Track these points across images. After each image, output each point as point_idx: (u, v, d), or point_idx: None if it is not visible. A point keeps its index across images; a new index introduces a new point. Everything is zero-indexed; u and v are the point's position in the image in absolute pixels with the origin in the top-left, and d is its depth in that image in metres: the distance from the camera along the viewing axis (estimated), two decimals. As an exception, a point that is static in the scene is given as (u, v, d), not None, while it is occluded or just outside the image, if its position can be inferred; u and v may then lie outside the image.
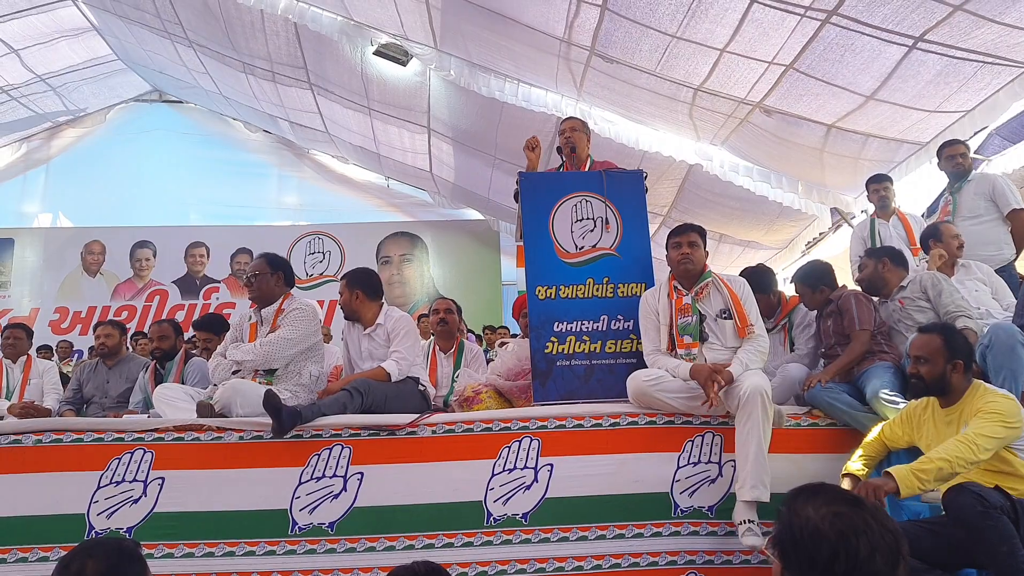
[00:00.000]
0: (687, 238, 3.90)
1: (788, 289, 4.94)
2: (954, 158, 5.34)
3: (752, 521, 3.27)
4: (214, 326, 5.26)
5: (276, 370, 4.06)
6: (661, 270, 4.13)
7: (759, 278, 4.49)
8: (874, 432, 3.34)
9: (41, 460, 3.57)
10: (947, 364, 3.02)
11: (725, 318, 3.77)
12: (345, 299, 4.42)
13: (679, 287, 3.87)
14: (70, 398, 5.39)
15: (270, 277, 4.26)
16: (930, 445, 3.06)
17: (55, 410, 5.46)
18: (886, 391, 3.55)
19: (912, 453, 3.38)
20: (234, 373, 4.05)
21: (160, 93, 13.75)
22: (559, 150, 4.83)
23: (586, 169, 4.70)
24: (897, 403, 3.45)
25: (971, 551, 2.68)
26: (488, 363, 5.29)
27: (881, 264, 4.25)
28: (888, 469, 2.77)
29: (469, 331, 8.18)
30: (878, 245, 5.75)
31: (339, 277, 4.61)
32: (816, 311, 4.39)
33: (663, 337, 3.82)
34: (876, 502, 2.57)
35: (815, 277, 4.36)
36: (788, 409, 3.77)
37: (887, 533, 1.44)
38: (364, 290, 4.44)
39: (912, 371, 3.13)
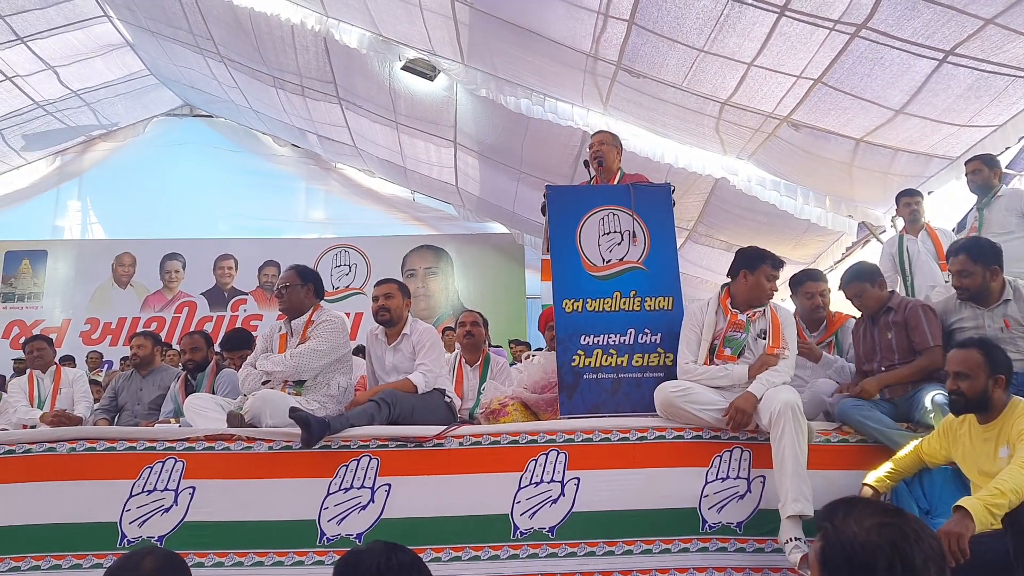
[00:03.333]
0: (818, 287, 4.36)
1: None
2: (967, 174, 5.30)
3: (799, 539, 3.18)
4: (243, 342, 5.33)
5: (305, 381, 4.09)
6: (688, 284, 4.12)
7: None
8: (908, 447, 3.28)
9: (75, 468, 3.62)
10: (988, 379, 2.93)
11: (762, 338, 3.77)
12: (397, 304, 4.43)
13: (733, 307, 3.85)
14: (105, 406, 5.48)
15: (300, 289, 4.29)
16: (966, 460, 2.99)
17: (86, 418, 5.55)
18: (943, 393, 3.42)
19: (943, 472, 3.34)
20: (264, 383, 4.09)
21: (191, 107, 13.97)
22: (586, 163, 4.85)
23: (615, 182, 4.71)
24: None
25: (1005, 567, 2.63)
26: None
27: (991, 272, 3.78)
28: (960, 503, 2.63)
29: (494, 346, 8.18)
30: (907, 261, 5.70)
31: (373, 285, 4.64)
32: (868, 320, 4.09)
33: (702, 352, 3.81)
34: (958, 550, 2.49)
35: (869, 272, 4.07)
36: (818, 425, 3.73)
37: (932, 540, 1.43)
38: (410, 300, 4.54)
39: (952, 387, 3.01)
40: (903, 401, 3.76)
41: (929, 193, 6.40)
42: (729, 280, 3.99)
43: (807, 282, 4.44)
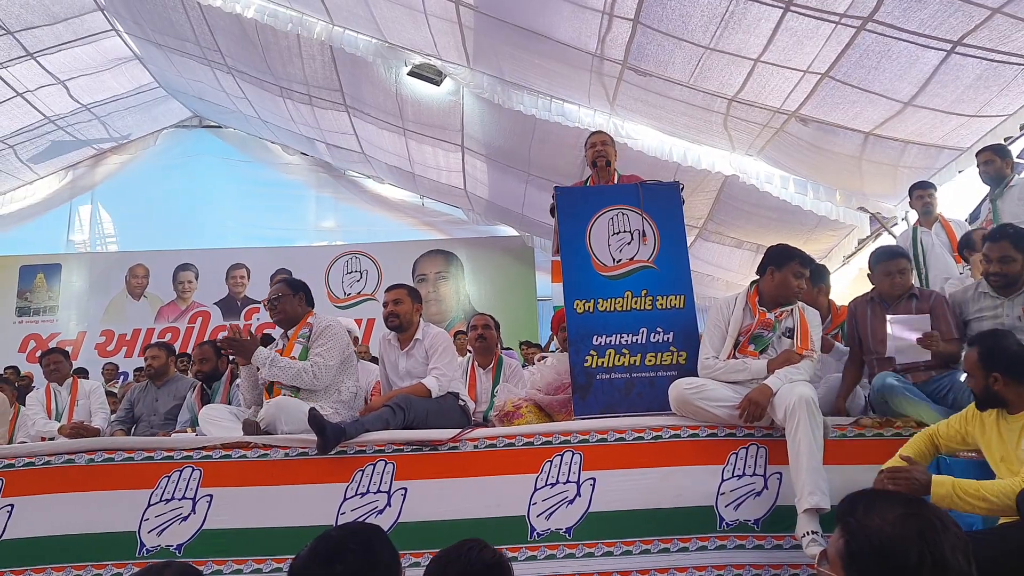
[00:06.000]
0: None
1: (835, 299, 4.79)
2: (979, 165, 5.28)
3: (816, 532, 3.15)
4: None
5: (315, 388, 4.13)
6: (699, 282, 4.11)
7: (818, 271, 4.43)
8: (922, 432, 3.22)
9: (93, 479, 3.65)
10: (986, 377, 2.89)
11: (788, 337, 3.76)
12: (406, 309, 4.44)
13: (762, 306, 3.82)
14: (122, 417, 5.51)
15: (292, 299, 4.32)
16: (990, 448, 2.95)
17: (104, 429, 5.58)
18: None
19: (959, 463, 3.30)
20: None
21: (201, 119, 14.04)
22: (593, 164, 4.85)
23: (615, 182, 4.72)
24: None
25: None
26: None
27: None
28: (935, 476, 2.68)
29: (506, 348, 8.18)
30: (921, 253, 5.67)
31: (384, 290, 4.66)
32: (881, 303, 4.06)
33: (726, 348, 3.80)
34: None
35: (905, 252, 4.05)
36: (833, 420, 3.71)
37: (956, 529, 1.42)
38: (421, 305, 4.56)
39: (968, 383, 3.03)
40: (925, 386, 3.76)
41: (962, 171, 6.33)
42: (758, 277, 3.96)
43: None
